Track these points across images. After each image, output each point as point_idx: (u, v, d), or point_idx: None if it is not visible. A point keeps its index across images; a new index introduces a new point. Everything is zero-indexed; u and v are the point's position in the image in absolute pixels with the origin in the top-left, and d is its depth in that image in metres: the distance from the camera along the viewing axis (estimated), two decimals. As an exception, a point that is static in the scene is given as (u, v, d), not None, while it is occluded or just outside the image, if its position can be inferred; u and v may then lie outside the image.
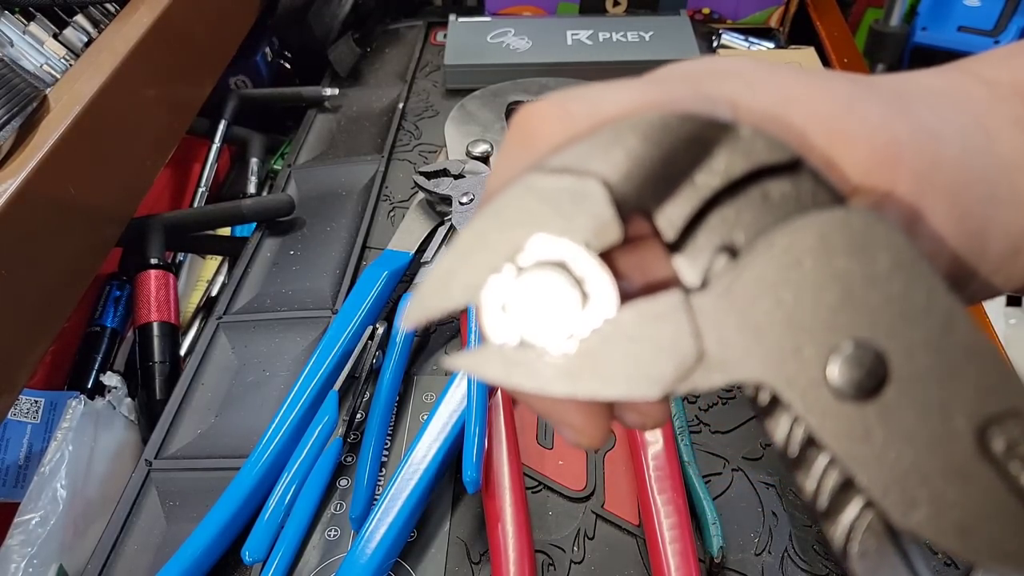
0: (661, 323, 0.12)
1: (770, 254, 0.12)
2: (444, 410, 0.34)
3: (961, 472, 0.11)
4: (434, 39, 0.67)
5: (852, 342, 0.11)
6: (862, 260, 0.11)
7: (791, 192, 0.12)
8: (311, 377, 0.36)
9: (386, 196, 0.51)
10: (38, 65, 0.43)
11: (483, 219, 0.12)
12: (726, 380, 0.12)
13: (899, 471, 0.11)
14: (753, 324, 0.12)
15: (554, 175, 0.12)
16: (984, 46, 0.79)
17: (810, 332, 0.11)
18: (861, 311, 0.11)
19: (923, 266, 0.11)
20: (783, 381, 0.12)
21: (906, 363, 0.11)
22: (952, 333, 0.11)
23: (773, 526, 0.33)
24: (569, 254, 0.12)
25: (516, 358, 0.12)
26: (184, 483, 0.36)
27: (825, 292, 0.11)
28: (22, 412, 0.40)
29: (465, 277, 0.12)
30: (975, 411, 0.11)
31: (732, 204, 0.12)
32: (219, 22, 0.55)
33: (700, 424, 0.37)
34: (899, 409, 0.11)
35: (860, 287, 0.11)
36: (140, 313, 0.43)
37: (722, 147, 0.12)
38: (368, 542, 0.30)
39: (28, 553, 0.34)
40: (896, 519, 0.11)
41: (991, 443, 0.11)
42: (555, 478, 0.35)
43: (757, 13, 0.65)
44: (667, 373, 0.12)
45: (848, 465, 0.11)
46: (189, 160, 0.60)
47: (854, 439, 0.11)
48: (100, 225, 0.42)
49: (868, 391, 0.11)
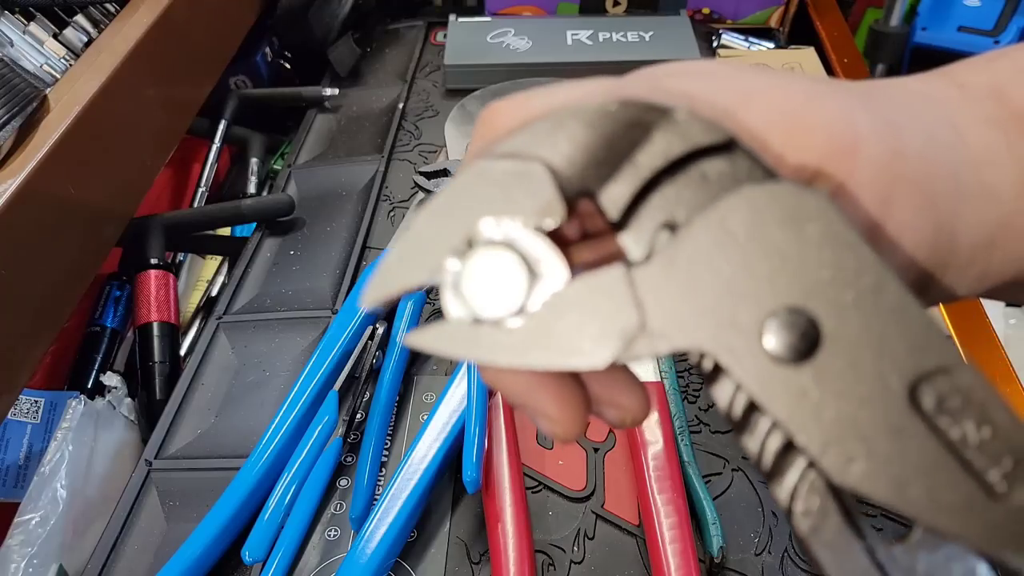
0: (605, 296, 0.12)
1: (706, 227, 0.12)
2: (444, 410, 0.34)
3: (894, 428, 0.11)
4: (434, 39, 0.67)
5: (785, 308, 0.12)
6: (793, 230, 0.12)
7: (727, 170, 0.13)
8: (311, 377, 0.36)
9: (386, 196, 0.51)
10: (38, 65, 0.43)
11: (437, 203, 0.13)
12: (669, 348, 0.12)
13: (835, 430, 0.11)
14: (692, 294, 0.12)
15: (502, 160, 0.13)
16: (984, 46, 0.78)
17: (746, 300, 0.12)
18: (793, 278, 0.12)
19: (851, 234, 0.12)
20: (722, 348, 0.12)
21: (838, 326, 0.12)
22: (881, 295, 0.12)
23: (773, 526, 0.33)
24: (517, 234, 0.13)
25: (471, 333, 0.13)
26: (184, 483, 0.36)
27: (759, 262, 0.12)
28: (22, 412, 0.40)
29: (421, 257, 0.13)
30: (906, 369, 0.11)
31: (672, 184, 0.13)
32: (219, 22, 0.55)
33: (700, 424, 0.37)
34: (833, 370, 0.12)
35: (792, 256, 0.12)
36: (140, 313, 0.43)
37: (660, 130, 0.13)
38: (368, 542, 0.30)
39: (28, 553, 0.34)
40: (835, 476, 0.11)
41: (922, 400, 0.11)
42: (555, 478, 0.35)
43: (757, 13, 0.65)
44: (611, 342, 0.12)
45: (787, 426, 0.12)
46: (189, 160, 0.60)
47: (791, 401, 0.12)
48: (100, 225, 0.42)
49: (803, 354, 0.12)
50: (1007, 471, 0.11)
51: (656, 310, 0.12)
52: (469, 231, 0.13)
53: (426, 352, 0.13)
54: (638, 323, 0.12)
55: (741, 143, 0.13)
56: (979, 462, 0.11)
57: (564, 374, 0.15)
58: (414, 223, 0.13)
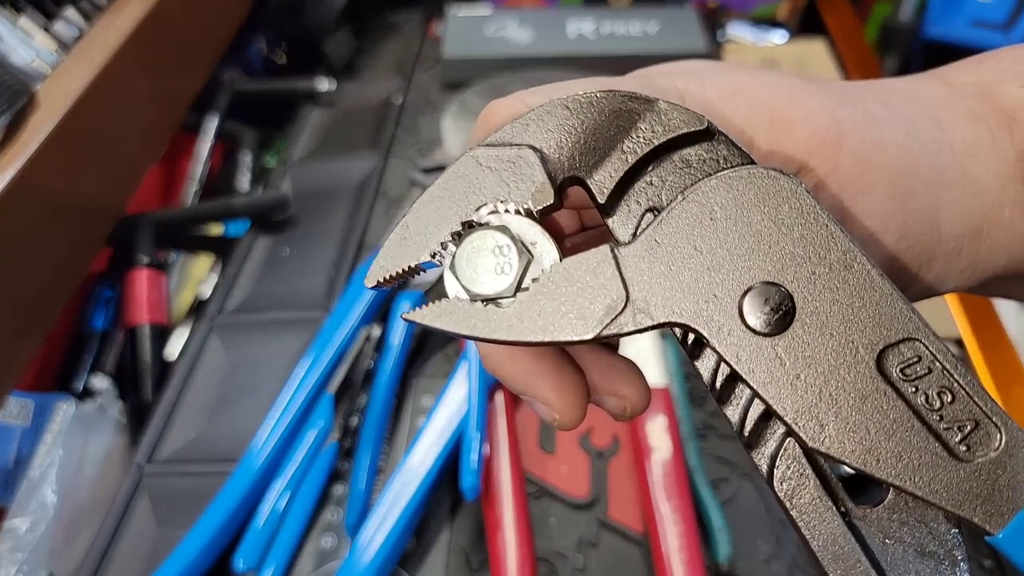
0: (591, 273, 0.13)
1: (686, 209, 0.13)
2: (442, 414, 0.33)
3: (863, 395, 0.12)
4: (431, 32, 0.66)
5: (761, 283, 0.13)
6: (766, 210, 0.13)
7: (708, 156, 0.14)
8: (305, 380, 0.35)
9: (384, 193, 0.50)
10: (28, 60, 0.42)
11: (435, 188, 0.14)
12: (651, 322, 0.13)
13: (809, 397, 0.12)
14: (673, 272, 0.13)
15: (495, 147, 0.14)
16: (996, 40, 0.77)
17: (724, 276, 0.13)
18: (768, 255, 0.13)
19: (822, 213, 0.13)
20: (702, 321, 0.13)
21: (810, 299, 0.12)
22: (850, 271, 0.12)
23: (781, 533, 0.32)
24: (510, 216, 0.14)
25: (467, 310, 0.13)
26: (176, 488, 0.35)
27: (736, 240, 0.13)
28: (11, 415, 0.39)
29: (420, 239, 0.14)
30: (874, 340, 0.12)
31: (656, 170, 0.14)
32: (211, 15, 0.54)
33: (707, 429, 0.36)
34: (806, 341, 0.12)
35: (766, 235, 0.13)
36: (130, 314, 0.42)
37: (643, 119, 0.14)
38: (364, 550, 0.29)
39: (19, 559, 0.34)
40: (809, 441, 0.12)
41: (889, 369, 0.12)
42: (558, 484, 0.34)
43: (766, 5, 0.64)
44: (597, 317, 0.13)
45: (764, 395, 0.12)
46: (181, 156, 0.59)
47: (768, 370, 0.12)
48: (90, 223, 0.41)
49: (777, 326, 0.12)
50: (967, 435, 0.12)
51: (640, 286, 0.13)
52: (465, 214, 0.14)
53: (424, 327, 0.14)
54: (623, 299, 0.13)
55: (720, 131, 0.14)
56: (942, 426, 0.12)
57: (563, 362, 0.16)
58: (414, 207, 0.14)
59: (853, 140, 0.14)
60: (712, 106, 0.15)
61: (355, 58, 0.63)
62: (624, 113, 0.14)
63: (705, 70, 0.16)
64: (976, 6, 0.78)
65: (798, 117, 0.14)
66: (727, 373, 0.13)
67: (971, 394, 0.12)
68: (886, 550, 0.12)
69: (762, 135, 0.14)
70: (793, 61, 0.56)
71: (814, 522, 0.12)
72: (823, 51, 0.57)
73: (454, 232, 0.14)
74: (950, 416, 0.12)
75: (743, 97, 0.15)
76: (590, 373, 0.16)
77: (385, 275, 0.14)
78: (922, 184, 0.15)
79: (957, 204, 0.15)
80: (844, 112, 0.14)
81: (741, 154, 0.13)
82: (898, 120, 0.15)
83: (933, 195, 0.15)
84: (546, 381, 0.15)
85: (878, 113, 0.15)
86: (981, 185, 0.15)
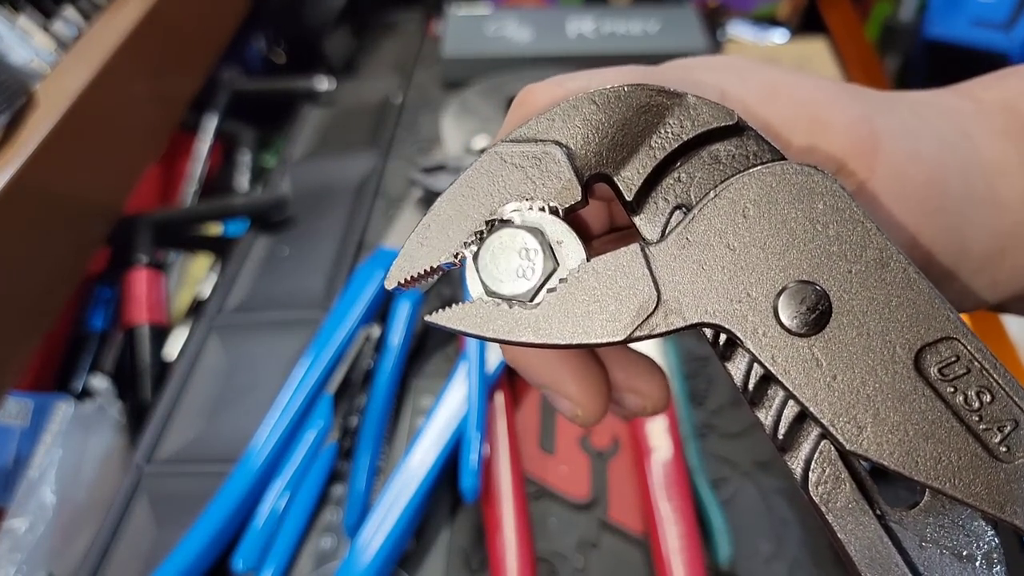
0: (621, 273, 0.13)
1: (718, 206, 0.13)
2: (442, 414, 0.33)
3: (901, 395, 0.12)
4: (430, 31, 0.66)
5: (796, 282, 0.12)
6: (801, 207, 0.12)
7: (737, 152, 0.13)
8: (304, 380, 0.35)
9: (383, 192, 0.50)
10: (27, 60, 0.41)
11: (459, 185, 0.14)
12: (684, 323, 0.13)
13: (846, 399, 0.12)
14: (705, 271, 0.13)
15: (520, 143, 0.13)
16: (997, 40, 0.77)
17: (758, 275, 0.12)
18: (803, 253, 0.12)
19: (857, 210, 0.12)
20: (736, 322, 0.12)
21: (846, 298, 0.12)
22: (886, 269, 0.12)
23: (783, 533, 0.32)
24: (536, 214, 0.13)
25: (492, 312, 0.13)
26: (176, 488, 0.35)
27: (770, 238, 0.12)
28: (10, 415, 0.39)
29: (443, 239, 0.13)
30: (911, 339, 0.12)
31: (685, 167, 0.13)
32: (211, 14, 0.54)
33: (707, 429, 0.36)
34: (842, 341, 0.12)
35: (801, 232, 0.12)
36: (129, 314, 0.42)
37: (671, 114, 0.13)
38: (364, 550, 0.29)
39: (18, 560, 0.34)
40: (846, 444, 0.12)
41: (928, 369, 0.12)
42: (558, 485, 0.34)
43: (767, 4, 0.64)
44: (628, 318, 0.13)
45: (800, 397, 0.12)
46: (179, 155, 0.59)
47: (804, 371, 0.12)
48: (89, 223, 0.41)
49: (813, 326, 0.12)
50: (1008, 435, 0.12)
51: (671, 286, 0.13)
52: (489, 212, 0.13)
53: (447, 330, 0.13)
54: (654, 299, 0.13)
55: (749, 126, 0.13)
56: (981, 427, 0.12)
57: (586, 357, 0.15)
58: (435, 206, 0.13)
59: (889, 150, 0.14)
60: (751, 104, 0.14)
61: (354, 57, 0.63)
62: (652, 108, 0.13)
63: (745, 67, 0.15)
64: (977, 6, 0.78)
65: (838, 122, 0.14)
66: (760, 375, 0.13)
67: (1011, 393, 0.12)
68: (922, 553, 0.12)
69: (800, 136, 0.14)
70: (794, 60, 0.56)
71: (851, 526, 0.12)
72: (824, 50, 0.57)
73: (477, 231, 0.13)
74: (989, 416, 0.12)
75: (784, 97, 0.15)
76: (612, 370, 0.16)
77: (405, 276, 0.13)
78: (952, 200, 0.14)
79: (983, 222, 0.15)
80: (882, 121, 0.14)
81: (771, 150, 0.13)
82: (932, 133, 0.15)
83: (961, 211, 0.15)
84: (569, 376, 0.15)
85: (914, 125, 0.15)
86: (1007, 204, 0.15)
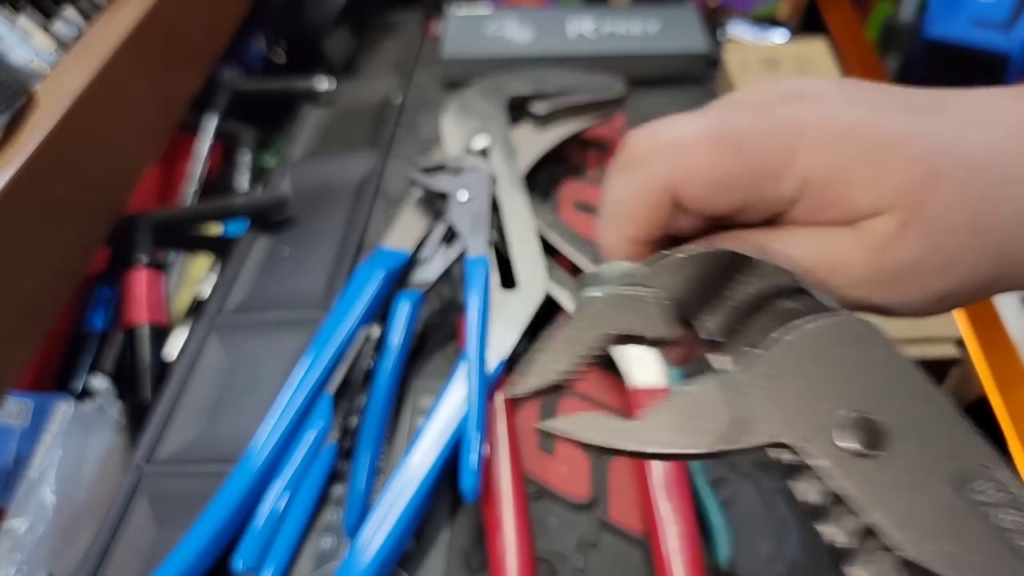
0: (705, 399, 0.15)
1: (785, 346, 0.16)
2: (442, 414, 0.33)
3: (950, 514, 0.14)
4: (430, 31, 0.65)
5: (855, 412, 0.15)
6: (856, 352, 0.15)
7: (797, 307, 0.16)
8: (304, 380, 0.35)
9: (383, 192, 0.50)
10: (27, 60, 0.41)
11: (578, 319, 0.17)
12: (755, 441, 0.15)
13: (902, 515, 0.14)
14: (775, 398, 0.15)
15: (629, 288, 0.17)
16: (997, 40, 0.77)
17: (821, 405, 0.15)
18: (860, 390, 0.15)
19: (900, 355, 0.15)
20: (802, 443, 0.15)
21: (897, 430, 0.14)
22: (930, 405, 0.15)
23: (783, 533, 0.32)
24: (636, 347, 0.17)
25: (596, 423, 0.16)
26: (176, 488, 0.35)
27: (830, 376, 0.15)
28: (10, 415, 0.39)
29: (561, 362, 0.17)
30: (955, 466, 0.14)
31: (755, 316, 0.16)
32: (211, 14, 0.54)
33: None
34: (896, 466, 0.14)
35: (858, 373, 0.15)
36: (129, 314, 0.42)
37: (746, 274, 0.17)
38: (364, 551, 0.29)
39: (18, 560, 0.34)
40: (904, 554, 0.13)
41: (967, 492, 0.14)
42: (558, 485, 0.34)
43: (767, 4, 0.64)
44: (708, 434, 0.15)
45: (859, 511, 0.14)
46: (179, 155, 0.59)
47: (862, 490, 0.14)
48: (89, 223, 0.41)
49: (870, 451, 0.14)
50: None
51: (746, 410, 0.15)
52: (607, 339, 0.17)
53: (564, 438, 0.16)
54: (730, 420, 0.15)
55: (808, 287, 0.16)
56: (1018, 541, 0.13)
57: None
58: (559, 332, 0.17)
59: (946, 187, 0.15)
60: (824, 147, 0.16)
61: (355, 57, 0.63)
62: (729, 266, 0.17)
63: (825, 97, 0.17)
64: (977, 5, 0.78)
65: (899, 164, 0.16)
66: (823, 492, 0.15)
67: None
68: None
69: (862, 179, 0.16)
70: (794, 60, 0.56)
71: None
72: (824, 50, 0.57)
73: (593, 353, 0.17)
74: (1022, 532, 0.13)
75: (856, 140, 0.16)
76: None
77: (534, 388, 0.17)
78: (1000, 222, 0.16)
79: None
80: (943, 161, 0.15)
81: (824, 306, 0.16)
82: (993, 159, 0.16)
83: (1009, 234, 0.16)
84: None
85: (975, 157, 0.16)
86: None
